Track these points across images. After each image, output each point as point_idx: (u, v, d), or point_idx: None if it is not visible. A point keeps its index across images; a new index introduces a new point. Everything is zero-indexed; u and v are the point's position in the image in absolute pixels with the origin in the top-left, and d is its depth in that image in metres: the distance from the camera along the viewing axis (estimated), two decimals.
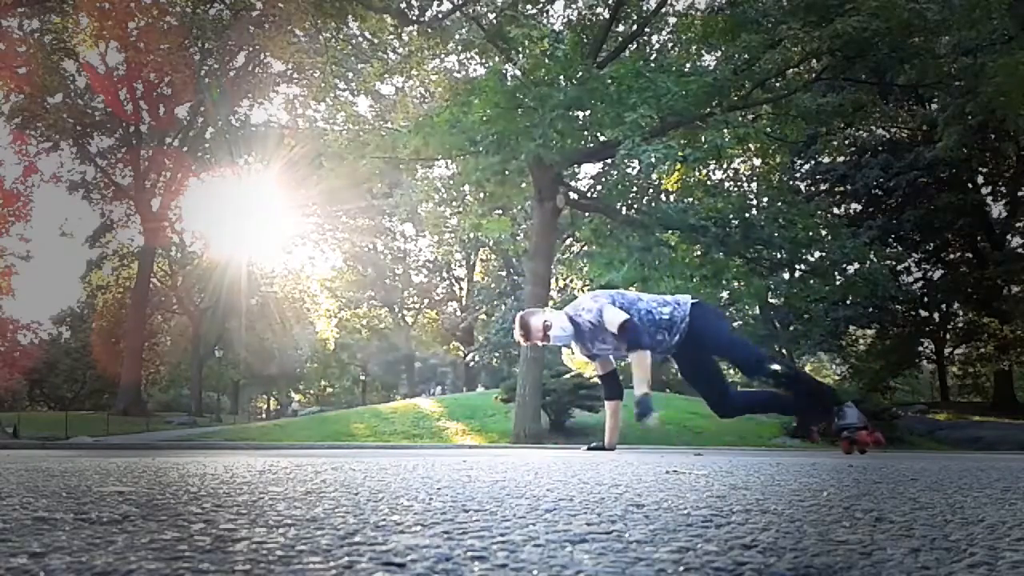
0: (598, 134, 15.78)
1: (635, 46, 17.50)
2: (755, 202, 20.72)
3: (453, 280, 41.92)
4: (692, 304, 4.73)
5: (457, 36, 15.78)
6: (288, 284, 38.89)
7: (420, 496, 1.41)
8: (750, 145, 16.65)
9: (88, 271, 40.56)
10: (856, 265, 18.70)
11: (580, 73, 14.06)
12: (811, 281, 18.87)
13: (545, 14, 17.35)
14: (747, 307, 28.32)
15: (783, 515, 1.17)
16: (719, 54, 16.29)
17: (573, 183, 19.50)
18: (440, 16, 16.25)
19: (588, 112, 14.65)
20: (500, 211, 18.44)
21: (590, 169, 24.41)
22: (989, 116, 17.11)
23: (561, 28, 16.46)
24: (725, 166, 20.78)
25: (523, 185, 15.69)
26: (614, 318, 4.48)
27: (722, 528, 1.01)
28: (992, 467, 3.05)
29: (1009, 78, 13.56)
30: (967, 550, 0.85)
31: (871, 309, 25.23)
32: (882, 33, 13.38)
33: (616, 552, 0.81)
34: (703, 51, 16.89)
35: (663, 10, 17.22)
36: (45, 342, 46.88)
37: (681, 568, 0.73)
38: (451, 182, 17.76)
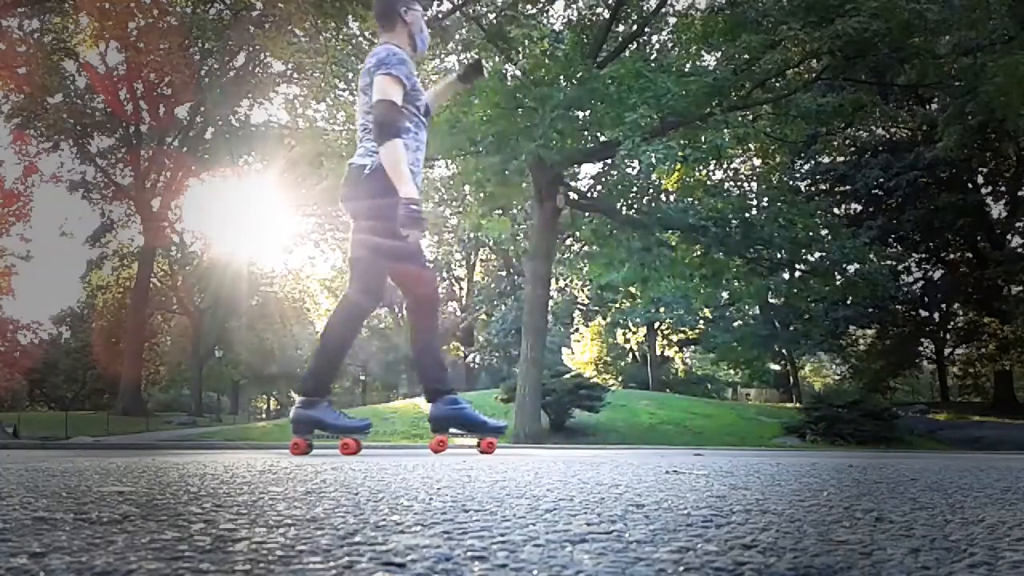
0: (598, 134, 15.77)
1: (635, 46, 17.50)
2: (755, 202, 20.73)
3: (453, 280, 41.92)
4: None
5: (457, 36, 15.79)
6: (288, 284, 38.86)
7: (420, 496, 1.41)
8: (750, 145, 16.66)
9: (88, 271, 40.59)
10: (856, 265, 18.70)
11: (580, 73, 14.06)
12: (811, 281, 18.87)
13: (545, 14, 17.35)
14: (747, 307, 28.33)
15: (783, 515, 1.17)
16: (719, 54, 16.28)
17: (573, 183, 19.51)
18: (440, 16, 16.23)
19: (588, 112, 14.65)
20: (500, 211, 18.43)
21: (590, 169, 24.46)
22: (989, 116, 17.11)
23: (561, 28, 16.45)
24: (725, 166, 20.80)
25: (523, 185, 15.69)
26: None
27: (722, 528, 1.01)
28: (992, 467, 3.05)
29: (1009, 78, 13.56)
30: (967, 550, 0.85)
31: (871, 309, 25.24)
32: (882, 33, 13.38)
33: (616, 552, 0.81)
34: (703, 51, 16.88)
35: (663, 10, 17.23)
36: (45, 342, 46.89)
37: (681, 568, 0.73)
38: (451, 182, 17.75)
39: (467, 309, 37.21)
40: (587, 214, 18.04)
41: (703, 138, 14.79)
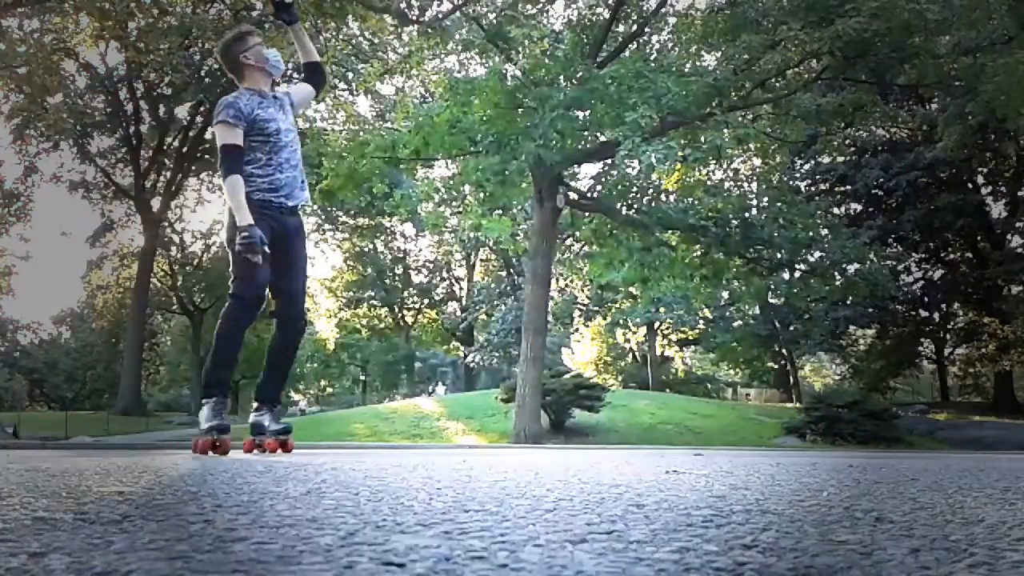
0: (598, 134, 15.74)
1: (635, 46, 17.47)
2: (755, 202, 20.71)
3: (453, 280, 41.91)
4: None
5: (457, 36, 15.77)
6: None
7: (420, 496, 1.41)
8: (750, 145, 16.64)
9: (88, 271, 40.60)
10: (856, 265, 18.69)
11: (580, 73, 14.03)
12: (811, 281, 18.86)
13: (545, 14, 17.31)
14: (747, 307, 28.33)
15: (783, 515, 1.17)
16: (719, 54, 16.27)
17: (573, 183, 19.49)
18: (440, 16, 16.22)
19: (588, 112, 14.63)
20: (500, 211, 18.43)
21: (590, 169, 24.39)
22: (989, 116, 17.09)
23: (561, 28, 16.43)
24: (725, 166, 20.78)
25: (523, 185, 15.68)
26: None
27: (723, 528, 1.01)
28: (992, 467, 3.05)
29: (1009, 78, 13.53)
30: (967, 550, 0.85)
31: (871, 309, 25.23)
32: (882, 34, 13.36)
33: (616, 552, 0.81)
34: (703, 51, 16.86)
35: (663, 10, 17.20)
36: (45, 342, 46.93)
37: (682, 568, 0.73)
38: (451, 182, 17.75)
39: (467, 309, 37.19)
40: (587, 214, 18.03)
41: (703, 138, 14.76)
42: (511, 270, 34.57)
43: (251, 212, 3.65)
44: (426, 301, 42.13)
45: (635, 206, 18.34)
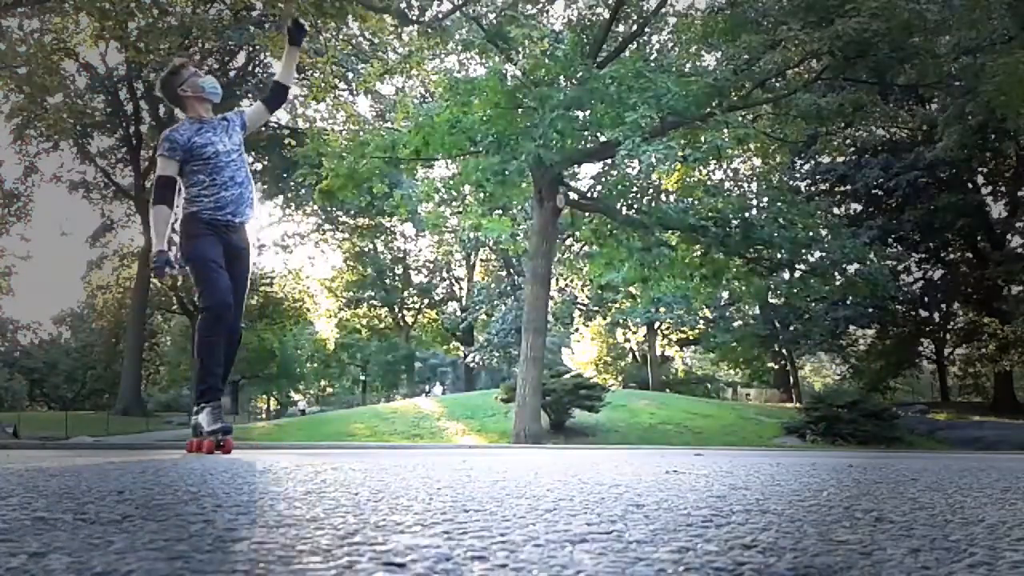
0: (598, 134, 15.74)
1: (635, 46, 17.48)
2: (755, 202, 20.70)
3: (453, 280, 41.91)
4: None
5: (457, 36, 15.77)
6: (288, 284, 38.91)
7: (420, 496, 1.41)
8: (750, 145, 16.64)
9: (88, 271, 40.64)
10: (856, 265, 18.69)
11: (580, 73, 14.03)
12: (811, 281, 18.85)
13: (545, 14, 17.32)
14: (747, 307, 28.34)
15: (783, 515, 1.17)
16: (719, 54, 16.28)
17: (573, 183, 19.50)
18: (440, 16, 16.22)
19: (588, 112, 14.63)
20: (500, 211, 18.43)
21: (590, 169, 24.41)
22: (989, 116, 17.10)
23: (561, 28, 16.44)
24: (725, 166, 20.79)
25: (523, 185, 15.69)
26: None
27: (722, 528, 1.01)
28: (992, 467, 3.05)
29: (1009, 78, 13.54)
30: (967, 550, 0.85)
31: (871, 309, 25.24)
32: (882, 33, 13.37)
33: (616, 552, 0.81)
34: (703, 51, 16.86)
35: (663, 10, 17.20)
36: (45, 342, 46.95)
37: (681, 568, 0.73)
38: (451, 182, 17.76)
39: (467, 309, 37.19)
40: (587, 214, 18.03)
41: (703, 138, 14.76)
42: (511, 270, 34.57)
43: (202, 229, 4.00)
44: (426, 301, 42.13)
45: (635, 206, 18.33)
